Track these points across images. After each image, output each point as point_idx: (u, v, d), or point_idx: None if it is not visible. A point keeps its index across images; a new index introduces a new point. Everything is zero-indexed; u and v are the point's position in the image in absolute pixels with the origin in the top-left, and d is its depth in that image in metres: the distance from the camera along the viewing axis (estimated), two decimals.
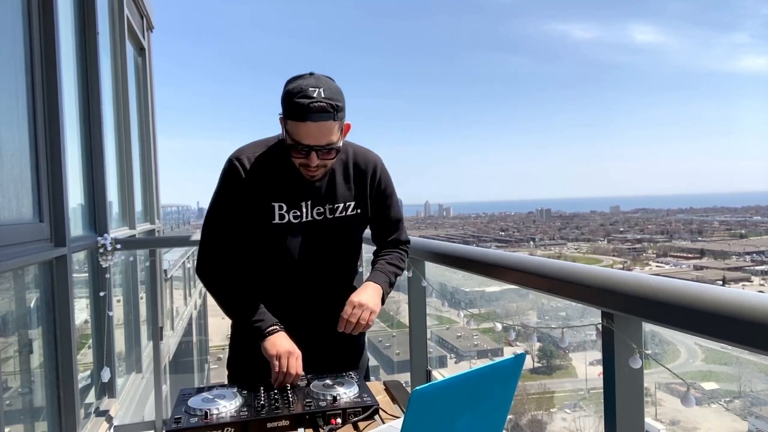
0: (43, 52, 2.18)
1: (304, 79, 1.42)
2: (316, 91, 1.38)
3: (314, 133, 1.41)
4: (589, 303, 1.21)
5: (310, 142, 1.42)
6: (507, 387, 0.97)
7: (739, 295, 0.90)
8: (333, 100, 1.40)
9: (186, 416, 1.22)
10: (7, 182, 1.92)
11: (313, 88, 1.39)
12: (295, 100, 1.39)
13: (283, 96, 1.44)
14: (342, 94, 1.45)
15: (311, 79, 1.42)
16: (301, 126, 1.40)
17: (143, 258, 4.18)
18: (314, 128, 1.40)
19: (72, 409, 2.34)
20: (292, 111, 1.40)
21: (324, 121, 1.40)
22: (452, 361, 11.40)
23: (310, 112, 1.38)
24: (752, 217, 63.64)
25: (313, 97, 1.38)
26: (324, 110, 1.39)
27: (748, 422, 6.68)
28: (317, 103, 1.38)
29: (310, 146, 1.42)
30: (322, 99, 1.39)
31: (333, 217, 1.59)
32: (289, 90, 1.42)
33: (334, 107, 1.41)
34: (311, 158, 1.45)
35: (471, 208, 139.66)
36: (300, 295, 1.59)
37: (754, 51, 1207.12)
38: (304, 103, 1.38)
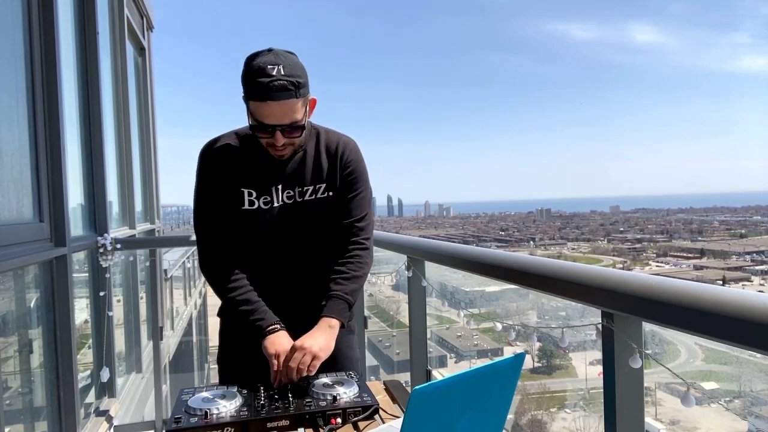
0: (43, 52, 2.18)
1: (262, 56, 1.37)
2: (275, 69, 1.34)
3: (277, 112, 1.37)
4: (589, 303, 1.21)
5: (273, 121, 1.38)
6: (507, 387, 0.97)
7: (739, 295, 0.90)
8: (294, 77, 1.36)
9: (186, 416, 1.21)
10: (7, 182, 1.92)
11: (272, 65, 1.34)
12: (255, 80, 1.34)
13: (242, 75, 1.39)
14: (304, 69, 1.40)
15: (270, 55, 1.37)
16: (263, 106, 1.36)
17: (143, 258, 4.18)
18: (276, 107, 1.36)
19: (72, 409, 2.34)
20: (253, 91, 1.35)
21: (286, 100, 1.36)
22: (452, 361, 11.39)
23: (271, 92, 1.33)
24: (752, 217, 63.64)
25: (272, 75, 1.33)
26: (285, 88, 1.34)
27: (748, 422, 6.68)
28: (277, 82, 1.33)
29: (273, 126, 1.39)
30: (282, 77, 1.34)
31: (303, 200, 1.55)
32: (247, 69, 1.36)
33: (296, 84, 1.36)
34: (276, 137, 1.41)
35: (471, 208, 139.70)
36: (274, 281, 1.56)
37: (754, 51, 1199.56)
38: (264, 83, 1.33)
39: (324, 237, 1.61)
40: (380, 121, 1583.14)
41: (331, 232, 1.61)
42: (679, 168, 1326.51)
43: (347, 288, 1.55)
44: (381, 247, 2.71)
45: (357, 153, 1.62)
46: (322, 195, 1.57)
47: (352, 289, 1.56)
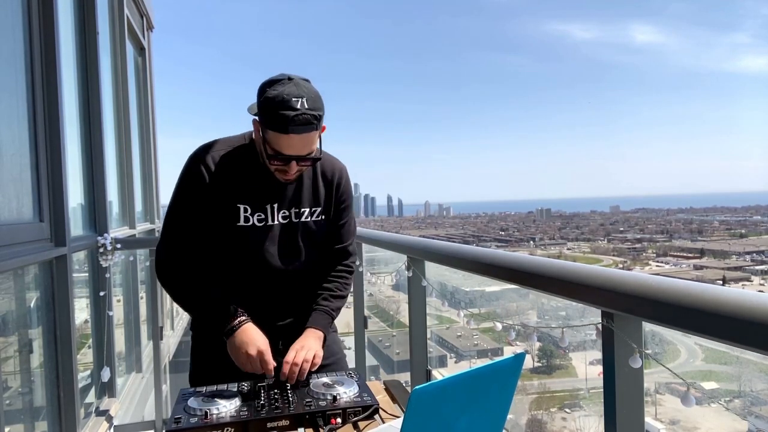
0: (43, 52, 2.18)
1: (283, 85, 1.36)
2: (299, 102, 1.34)
3: (297, 144, 1.38)
4: (589, 303, 1.21)
5: (292, 152, 1.39)
6: (507, 386, 0.97)
7: (739, 295, 0.90)
8: (316, 111, 1.37)
9: (186, 416, 1.22)
10: (7, 182, 1.92)
11: (296, 98, 1.34)
12: (279, 112, 1.33)
13: (262, 103, 1.38)
14: (322, 100, 1.41)
15: (292, 86, 1.36)
16: (284, 138, 1.36)
17: (143, 258, 4.18)
18: (297, 140, 1.37)
19: (72, 408, 2.34)
20: (275, 122, 1.35)
21: (307, 133, 1.37)
22: (452, 361, 11.39)
23: (295, 125, 1.34)
24: (752, 217, 63.65)
25: (297, 109, 1.33)
26: (308, 122, 1.35)
27: (748, 422, 6.69)
28: (302, 116, 1.33)
29: (291, 157, 1.40)
30: (306, 111, 1.34)
31: (299, 222, 1.57)
32: (269, 98, 1.35)
33: (317, 117, 1.37)
34: (291, 167, 1.42)
35: (471, 208, 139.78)
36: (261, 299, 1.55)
37: (754, 51, 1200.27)
38: (288, 116, 1.33)
39: (313, 258, 1.63)
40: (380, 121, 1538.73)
41: (319, 255, 1.65)
42: (679, 168, 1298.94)
43: (333, 305, 1.62)
44: (381, 247, 2.71)
45: (349, 181, 1.68)
46: (316, 218, 1.60)
47: (337, 306, 1.64)
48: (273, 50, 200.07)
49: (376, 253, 3.16)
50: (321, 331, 1.55)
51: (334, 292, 1.64)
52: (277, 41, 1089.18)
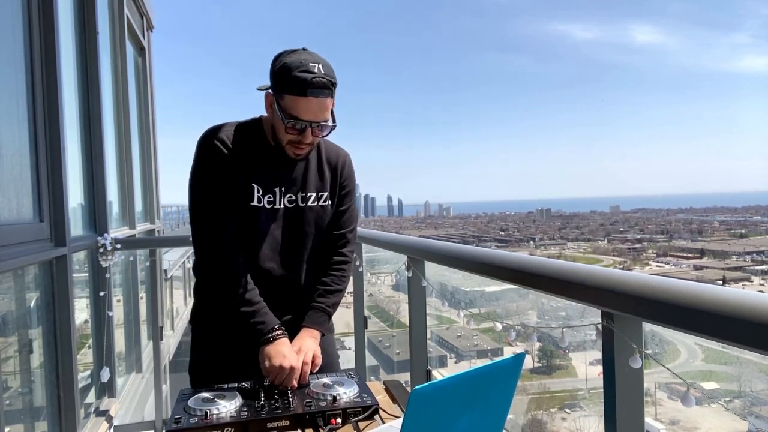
0: (43, 52, 2.18)
1: (299, 53, 1.39)
2: (316, 66, 1.36)
3: (314, 108, 1.39)
4: (589, 303, 1.21)
5: (309, 117, 1.40)
6: (507, 387, 0.97)
7: (739, 295, 0.90)
8: (331, 77, 1.39)
9: (186, 416, 1.21)
10: (7, 182, 1.92)
11: (313, 63, 1.36)
12: (296, 74, 1.35)
13: (278, 69, 1.39)
14: (334, 70, 1.43)
15: (307, 54, 1.39)
16: (302, 101, 1.37)
17: (143, 258, 4.18)
18: (315, 103, 1.38)
19: (72, 409, 2.34)
20: (292, 85, 1.36)
21: (324, 98, 1.39)
22: (452, 361, 11.39)
23: (313, 87, 1.35)
24: (752, 217, 63.63)
25: (314, 72, 1.35)
26: (325, 86, 1.37)
27: (748, 422, 6.68)
28: (319, 79, 1.36)
29: (308, 122, 1.40)
30: (322, 75, 1.37)
31: (305, 206, 1.57)
32: (286, 63, 1.37)
33: (333, 84, 1.40)
34: (306, 134, 1.43)
35: (471, 208, 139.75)
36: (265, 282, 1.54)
37: (754, 51, 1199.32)
38: (306, 78, 1.35)
39: (317, 243, 1.63)
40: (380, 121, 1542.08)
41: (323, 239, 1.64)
42: (679, 168, 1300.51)
43: (329, 301, 1.61)
44: (381, 247, 2.71)
45: (352, 168, 1.69)
46: (323, 203, 1.60)
47: (333, 302, 1.62)
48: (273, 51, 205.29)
49: (376, 253, 3.16)
50: (317, 330, 1.55)
51: (330, 287, 1.62)
52: (278, 41, 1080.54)
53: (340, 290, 1.65)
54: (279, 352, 1.39)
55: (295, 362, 1.39)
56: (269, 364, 1.38)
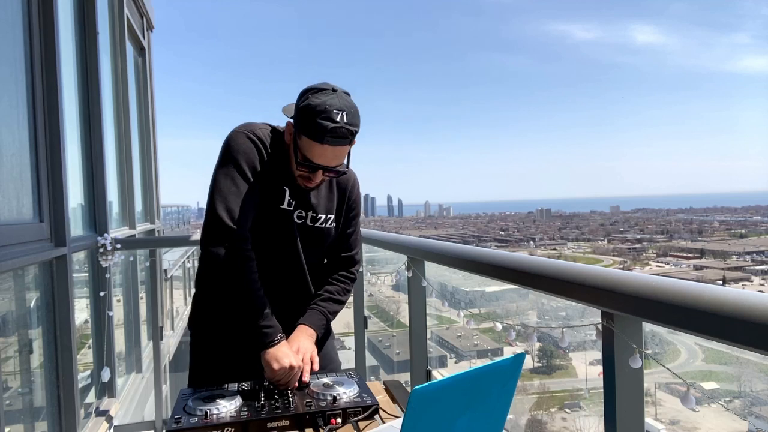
0: (43, 52, 2.18)
1: (326, 95, 1.37)
2: (340, 115, 1.34)
3: (329, 155, 1.39)
4: (589, 303, 1.21)
5: (322, 162, 1.40)
6: (507, 387, 0.97)
7: (739, 295, 0.90)
8: (354, 126, 1.37)
9: (186, 416, 1.22)
10: (7, 182, 1.92)
11: (338, 110, 1.34)
12: (318, 120, 1.33)
13: (302, 109, 1.37)
14: (359, 116, 1.41)
15: (335, 98, 1.37)
16: (318, 147, 1.37)
17: (143, 258, 4.18)
18: (330, 151, 1.38)
19: (72, 409, 2.34)
20: (312, 130, 1.35)
21: (341, 146, 1.38)
22: (452, 361, 11.39)
23: (331, 136, 1.34)
24: (752, 217, 63.62)
25: (336, 122, 1.34)
26: (344, 137, 1.36)
27: (748, 422, 6.69)
28: (340, 129, 1.34)
29: (320, 167, 1.41)
30: (345, 125, 1.35)
31: (313, 226, 1.58)
32: (311, 106, 1.35)
33: (353, 133, 1.38)
34: (316, 175, 1.44)
35: (471, 208, 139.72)
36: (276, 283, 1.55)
37: (754, 51, 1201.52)
38: (327, 127, 1.33)
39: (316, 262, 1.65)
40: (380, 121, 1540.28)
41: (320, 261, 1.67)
42: (680, 168, 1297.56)
43: (330, 308, 1.62)
44: (381, 247, 2.71)
45: (360, 191, 1.70)
46: (330, 225, 1.62)
47: (334, 310, 1.64)
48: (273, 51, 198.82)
49: (376, 253, 3.16)
50: (314, 330, 1.55)
51: (333, 296, 1.64)
52: (278, 42, 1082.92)
53: (342, 302, 1.68)
54: (285, 354, 1.39)
55: (298, 362, 1.39)
56: (278, 366, 1.36)
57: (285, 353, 1.39)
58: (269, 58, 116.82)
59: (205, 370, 1.58)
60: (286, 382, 1.38)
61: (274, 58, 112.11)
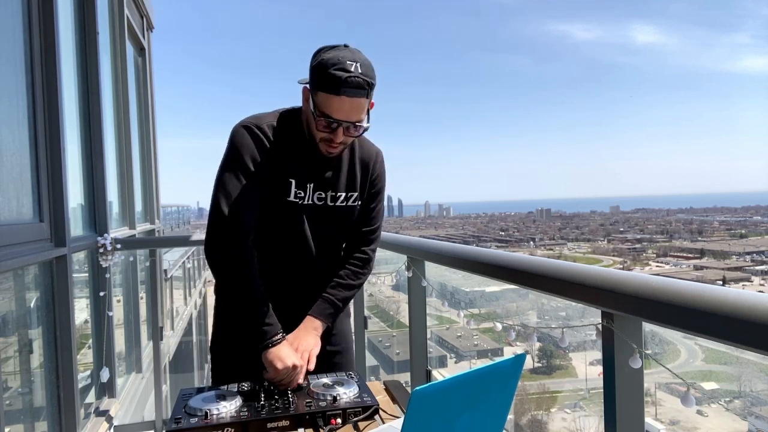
0: (43, 52, 2.18)
1: (339, 50, 1.36)
2: (354, 65, 1.33)
3: (347, 108, 1.36)
4: (589, 303, 1.21)
5: (341, 117, 1.37)
6: (507, 387, 0.97)
7: (739, 295, 0.90)
8: (369, 77, 1.36)
9: (186, 416, 1.22)
10: (7, 182, 1.92)
11: (351, 61, 1.33)
12: (332, 71, 1.32)
13: (315, 65, 1.36)
14: (374, 70, 1.39)
15: (347, 51, 1.36)
16: (335, 99, 1.35)
17: (143, 258, 4.18)
18: (348, 103, 1.35)
19: (72, 409, 2.34)
20: (327, 83, 1.33)
21: (358, 98, 1.36)
22: (452, 361, 11.39)
23: (347, 87, 1.33)
24: (752, 217, 63.61)
25: (350, 71, 1.32)
26: (360, 86, 1.34)
27: (748, 422, 6.68)
28: (354, 78, 1.33)
29: (339, 121, 1.38)
30: (359, 74, 1.33)
31: (333, 205, 1.56)
32: (324, 60, 1.34)
33: (369, 84, 1.36)
34: (337, 133, 1.40)
35: (471, 208, 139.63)
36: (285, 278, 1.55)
37: (754, 51, 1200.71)
38: (341, 77, 1.32)
39: (338, 243, 1.63)
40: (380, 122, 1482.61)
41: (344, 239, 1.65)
42: (680, 168, 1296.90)
43: (341, 295, 1.59)
44: (381, 247, 2.71)
45: (384, 166, 1.67)
46: (352, 203, 1.59)
47: (344, 297, 1.60)
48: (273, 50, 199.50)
49: (376, 253, 3.15)
50: (321, 321, 1.53)
51: (343, 281, 1.61)
52: (277, 42, 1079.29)
53: (354, 286, 1.63)
54: (287, 353, 1.38)
55: (299, 361, 1.39)
56: (282, 366, 1.35)
57: (287, 353, 1.38)
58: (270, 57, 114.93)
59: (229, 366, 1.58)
60: (288, 382, 1.37)
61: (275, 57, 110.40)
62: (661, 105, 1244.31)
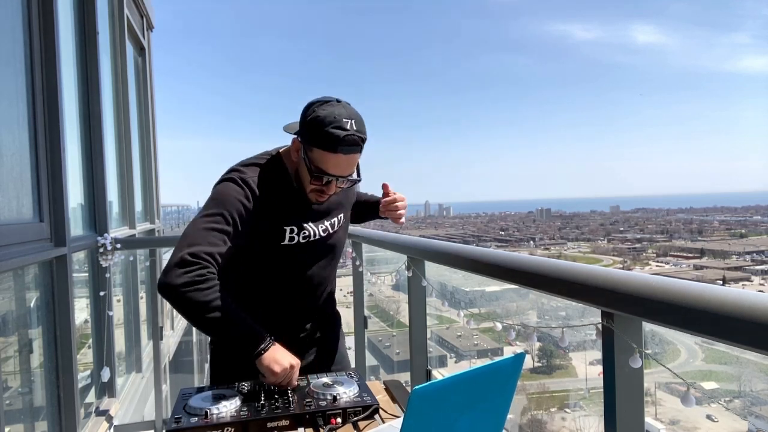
0: (43, 52, 2.18)
1: (332, 106, 1.39)
2: (349, 123, 1.37)
3: (343, 164, 1.41)
4: (589, 303, 1.21)
5: (337, 172, 1.42)
6: (507, 387, 0.97)
7: (739, 295, 0.90)
8: (363, 133, 1.41)
9: (186, 416, 1.22)
10: (7, 182, 1.92)
11: (346, 119, 1.37)
12: (329, 129, 1.36)
13: (310, 121, 1.38)
14: (365, 124, 1.44)
15: (341, 108, 1.40)
16: (331, 157, 1.39)
17: (143, 258, 4.18)
18: (344, 160, 1.40)
19: (72, 408, 2.34)
20: (324, 141, 1.37)
21: (353, 154, 1.41)
22: (452, 361, 11.39)
23: (344, 145, 1.37)
24: (752, 217, 63.61)
25: (347, 130, 1.37)
26: (356, 143, 1.39)
27: (748, 422, 6.69)
28: (351, 136, 1.37)
29: (335, 176, 1.42)
30: (355, 132, 1.38)
31: (336, 231, 1.62)
32: (319, 117, 1.37)
33: (363, 140, 1.41)
34: (330, 187, 1.46)
35: (471, 208, 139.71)
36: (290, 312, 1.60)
37: (754, 51, 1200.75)
38: (339, 135, 1.36)
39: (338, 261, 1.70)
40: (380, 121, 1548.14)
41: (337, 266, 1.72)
42: (680, 168, 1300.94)
43: None
44: (381, 247, 2.71)
45: None
46: (343, 222, 1.67)
47: None
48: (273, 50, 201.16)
49: (376, 253, 3.15)
50: None
51: None
52: (277, 42, 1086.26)
53: None
54: (282, 355, 1.36)
55: (295, 360, 1.39)
56: (280, 368, 1.33)
57: (282, 354, 1.36)
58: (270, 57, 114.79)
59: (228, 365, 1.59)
60: (287, 383, 1.37)
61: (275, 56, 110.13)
62: (661, 105, 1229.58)
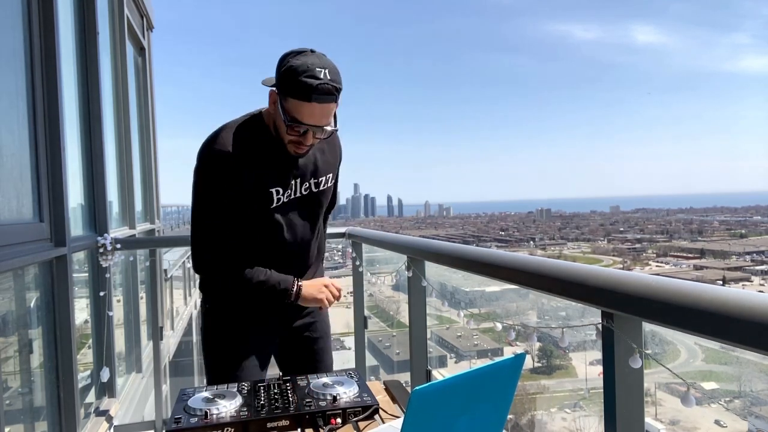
0: (43, 52, 2.18)
1: (306, 56, 1.39)
2: (323, 72, 1.37)
3: (317, 114, 1.40)
4: (589, 303, 1.21)
5: (312, 122, 1.41)
6: (507, 387, 0.97)
7: (739, 295, 0.90)
8: (337, 83, 1.40)
9: (186, 416, 1.22)
10: (7, 182, 1.92)
11: (320, 68, 1.37)
12: (302, 78, 1.36)
13: (284, 72, 1.39)
14: (341, 74, 1.44)
15: (314, 57, 1.40)
16: (305, 106, 1.39)
17: (143, 258, 4.18)
18: (318, 109, 1.40)
19: (72, 409, 2.34)
20: (298, 90, 1.37)
21: (328, 103, 1.40)
22: (452, 361, 11.39)
23: (318, 93, 1.37)
24: (752, 217, 63.59)
25: (320, 78, 1.36)
26: (330, 92, 1.38)
27: (748, 422, 6.69)
28: (324, 85, 1.37)
29: (310, 126, 1.42)
30: (328, 81, 1.37)
31: (318, 191, 1.63)
32: (293, 67, 1.38)
33: (338, 89, 1.40)
34: (307, 137, 1.45)
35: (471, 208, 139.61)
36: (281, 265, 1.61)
37: (754, 51, 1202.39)
38: (312, 84, 1.36)
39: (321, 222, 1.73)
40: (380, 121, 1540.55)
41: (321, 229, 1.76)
42: (680, 168, 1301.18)
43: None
44: (381, 247, 2.71)
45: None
46: (330, 183, 1.68)
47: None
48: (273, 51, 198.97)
49: (376, 253, 3.16)
50: None
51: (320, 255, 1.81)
52: (277, 42, 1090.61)
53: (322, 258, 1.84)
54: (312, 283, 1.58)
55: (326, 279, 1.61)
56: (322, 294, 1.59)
57: (311, 283, 1.57)
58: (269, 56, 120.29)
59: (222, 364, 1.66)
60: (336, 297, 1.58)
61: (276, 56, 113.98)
62: (661, 105, 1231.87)
